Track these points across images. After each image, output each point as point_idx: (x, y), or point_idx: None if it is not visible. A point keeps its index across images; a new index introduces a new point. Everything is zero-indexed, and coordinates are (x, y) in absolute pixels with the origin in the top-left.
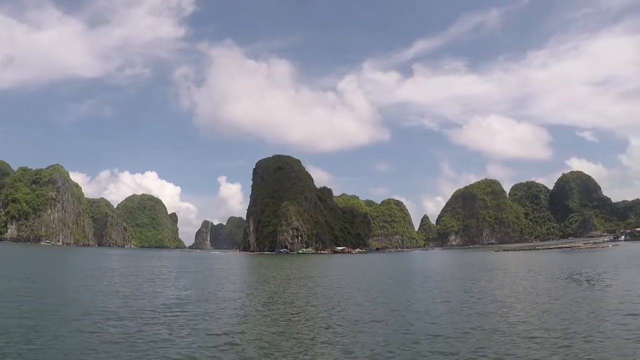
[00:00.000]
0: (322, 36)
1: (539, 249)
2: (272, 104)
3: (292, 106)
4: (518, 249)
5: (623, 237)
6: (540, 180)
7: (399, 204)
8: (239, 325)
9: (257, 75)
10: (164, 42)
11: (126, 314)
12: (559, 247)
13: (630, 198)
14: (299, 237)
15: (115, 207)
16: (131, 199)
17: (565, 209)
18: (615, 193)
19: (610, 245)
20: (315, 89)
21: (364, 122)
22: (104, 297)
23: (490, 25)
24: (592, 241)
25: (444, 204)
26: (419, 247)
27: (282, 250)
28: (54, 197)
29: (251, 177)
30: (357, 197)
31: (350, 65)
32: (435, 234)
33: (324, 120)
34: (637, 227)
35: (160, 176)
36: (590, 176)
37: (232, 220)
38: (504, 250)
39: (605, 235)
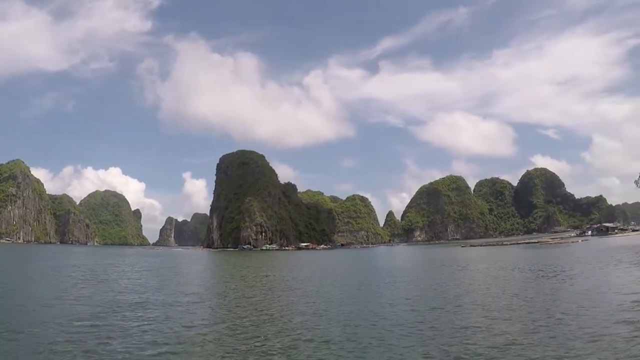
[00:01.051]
0: (289, 32)
1: (507, 244)
2: (238, 99)
3: (259, 101)
4: (485, 245)
5: (590, 232)
6: (504, 176)
7: (364, 200)
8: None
9: (223, 70)
10: (130, 36)
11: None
12: (527, 243)
13: (593, 194)
14: (263, 233)
15: (78, 203)
16: (94, 195)
17: (530, 205)
18: (579, 189)
19: (580, 240)
20: (281, 84)
21: (329, 118)
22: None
23: (456, 24)
24: (560, 236)
25: (409, 200)
26: (384, 243)
27: (245, 247)
28: (14, 193)
29: (215, 173)
30: (322, 193)
31: (316, 61)
32: (401, 230)
33: (290, 115)
34: (600, 222)
35: (125, 172)
36: (554, 173)
37: (196, 216)
38: (471, 245)
39: (569, 231)
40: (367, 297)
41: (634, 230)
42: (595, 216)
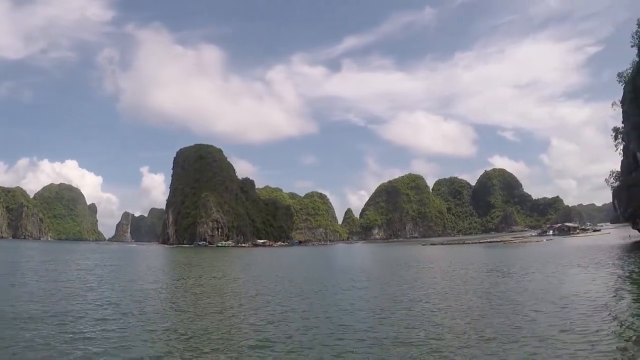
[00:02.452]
0: (253, 27)
1: (469, 243)
2: (200, 92)
3: (220, 95)
4: (447, 243)
5: (551, 231)
6: (463, 176)
7: (322, 197)
8: None
9: (185, 62)
10: (92, 25)
11: None
12: (490, 242)
13: (550, 195)
14: (220, 230)
15: (32, 197)
16: (48, 188)
17: (487, 205)
18: (536, 190)
19: (544, 240)
20: (244, 79)
21: (291, 115)
22: None
23: (421, 25)
24: (521, 235)
25: (368, 198)
26: (343, 240)
27: (200, 243)
28: None
29: (172, 167)
30: (281, 190)
31: (279, 57)
32: (359, 228)
33: (252, 110)
34: (557, 223)
35: (81, 165)
36: (512, 173)
37: (153, 211)
38: (432, 244)
39: (527, 230)
40: (324, 304)
41: (595, 231)
42: (552, 217)
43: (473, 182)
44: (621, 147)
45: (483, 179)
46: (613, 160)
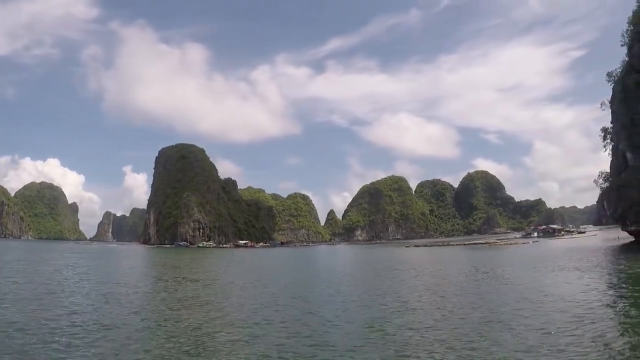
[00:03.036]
0: (238, 27)
1: (453, 245)
2: (184, 91)
3: (204, 94)
4: (431, 245)
5: (536, 233)
6: (446, 178)
7: (305, 198)
8: None
9: (169, 60)
10: (76, 22)
11: None
12: (475, 243)
13: (532, 198)
14: (201, 230)
15: (13, 195)
16: (30, 187)
17: (470, 207)
18: (519, 193)
19: (531, 242)
20: (228, 79)
21: (275, 115)
22: None
23: (405, 28)
24: (505, 237)
25: (350, 199)
26: (325, 241)
27: (181, 244)
28: None
29: (154, 166)
30: (263, 191)
31: (264, 57)
32: (341, 229)
33: (236, 110)
34: (539, 225)
35: (64, 164)
36: (494, 176)
37: (135, 211)
38: (415, 246)
39: (509, 232)
40: (305, 314)
41: (579, 233)
42: (534, 219)
43: (456, 184)
44: (610, 147)
45: (466, 181)
46: (595, 163)
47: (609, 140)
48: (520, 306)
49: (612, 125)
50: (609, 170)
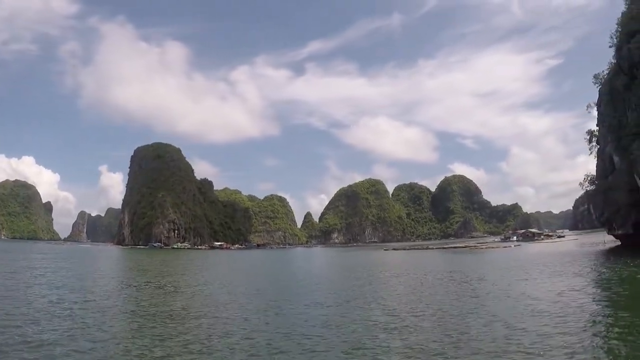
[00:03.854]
0: (219, 27)
1: (432, 249)
2: (163, 90)
3: (183, 93)
4: (410, 248)
5: (515, 237)
6: (424, 182)
7: (282, 200)
8: None
9: (149, 58)
10: (56, 17)
11: None
12: (455, 247)
13: (509, 202)
14: (176, 231)
15: None
16: (3, 185)
17: (447, 210)
18: (495, 197)
19: (512, 246)
20: (208, 79)
21: (254, 116)
22: None
23: (386, 32)
24: (484, 241)
25: (327, 202)
26: (302, 244)
27: (155, 245)
28: None
29: (129, 166)
30: (240, 192)
31: (243, 58)
32: (318, 232)
33: (215, 110)
34: (516, 229)
35: (39, 162)
36: (471, 180)
37: (110, 211)
38: (394, 249)
39: (486, 236)
40: (277, 330)
41: (559, 237)
42: (510, 223)
43: (433, 188)
44: (596, 150)
45: (443, 185)
46: (571, 169)
47: (594, 143)
48: (540, 323)
49: (597, 127)
50: (594, 174)
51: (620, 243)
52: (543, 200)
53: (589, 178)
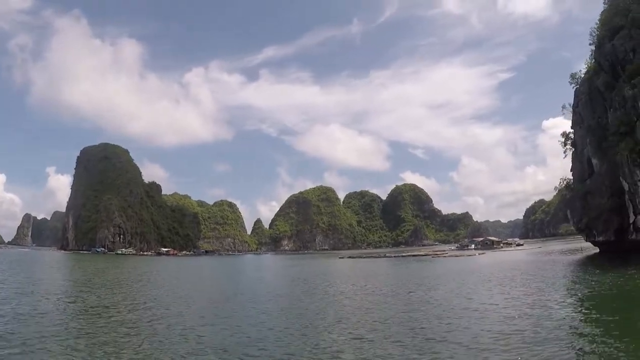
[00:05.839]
0: (174, 29)
1: (391, 257)
2: (115, 90)
3: (136, 94)
4: (366, 256)
5: (473, 245)
6: (376, 191)
7: (232, 206)
8: None
9: (102, 57)
10: (9, 11)
11: None
12: (415, 255)
13: (459, 211)
14: (122, 236)
15: None
16: None
17: (398, 219)
18: (446, 206)
19: (477, 254)
20: (162, 80)
21: (207, 120)
22: None
23: (340, 41)
24: (440, 249)
25: (278, 209)
26: (252, 251)
27: (98, 250)
28: None
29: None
30: (189, 197)
31: (198, 62)
32: (268, 239)
33: (168, 112)
34: (467, 237)
35: None
36: (422, 189)
37: (57, 214)
38: (350, 257)
39: (437, 244)
40: None
41: (518, 245)
42: (461, 232)
43: (385, 197)
44: (571, 152)
45: (394, 194)
46: (520, 180)
47: (569, 146)
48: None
49: (572, 129)
50: (571, 177)
51: (598, 250)
52: (492, 209)
53: (564, 181)
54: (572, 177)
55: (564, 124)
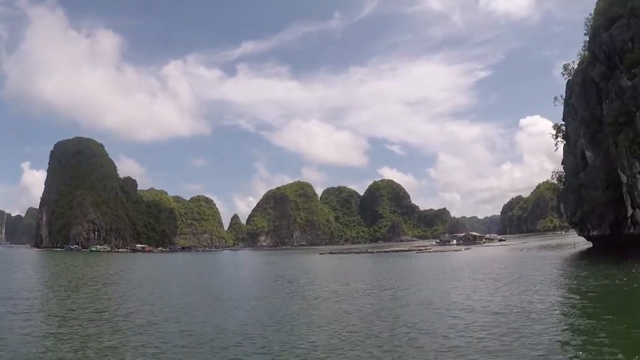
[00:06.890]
0: (152, 22)
1: (373, 252)
2: (90, 82)
3: (112, 87)
4: (347, 252)
5: (455, 241)
6: (353, 186)
7: (209, 201)
8: None
9: (78, 48)
10: None
11: None
12: (398, 251)
13: (436, 207)
14: (96, 232)
15: None
16: None
17: (375, 215)
18: (423, 202)
19: (463, 249)
20: (139, 73)
21: (184, 114)
22: None
23: (319, 36)
24: (421, 244)
25: (255, 204)
26: (229, 246)
27: (72, 247)
28: None
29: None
30: (166, 192)
31: (176, 55)
32: (245, 234)
33: (144, 106)
34: (446, 233)
35: None
36: (400, 185)
37: (31, 211)
38: (330, 253)
39: (414, 240)
40: None
41: (500, 240)
42: (439, 227)
43: (362, 192)
44: (562, 145)
45: (371, 189)
46: (497, 176)
47: (560, 139)
48: None
49: (564, 121)
50: (563, 170)
51: (592, 245)
52: (468, 205)
53: (557, 174)
54: (563, 171)
55: (542, 122)
